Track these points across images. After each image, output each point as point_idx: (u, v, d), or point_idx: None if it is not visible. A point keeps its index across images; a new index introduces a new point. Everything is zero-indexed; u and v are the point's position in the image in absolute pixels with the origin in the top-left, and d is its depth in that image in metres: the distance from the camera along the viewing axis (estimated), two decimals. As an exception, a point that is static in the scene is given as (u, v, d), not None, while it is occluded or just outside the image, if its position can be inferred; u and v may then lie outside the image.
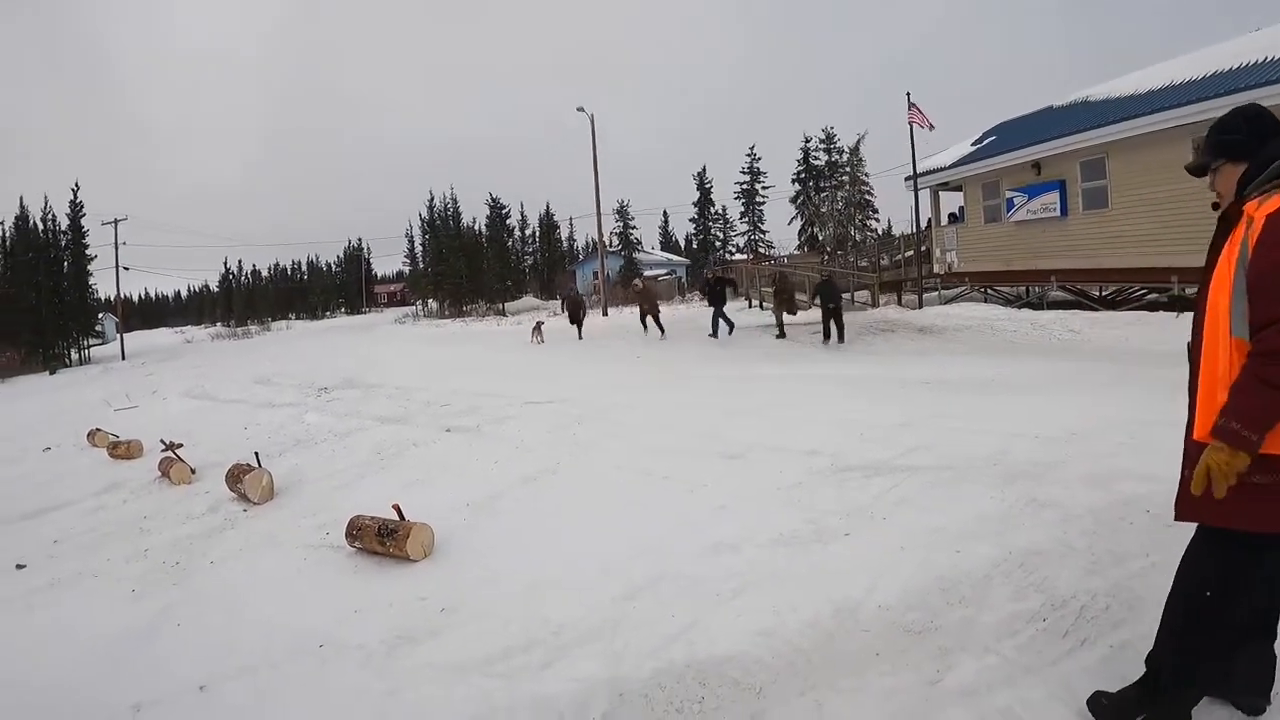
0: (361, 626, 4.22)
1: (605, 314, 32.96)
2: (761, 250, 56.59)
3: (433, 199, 62.03)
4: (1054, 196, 19.08)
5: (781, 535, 4.61)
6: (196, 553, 5.99)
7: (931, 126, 24.59)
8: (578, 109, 35.05)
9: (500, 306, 50.24)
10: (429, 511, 5.42)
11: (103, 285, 47.07)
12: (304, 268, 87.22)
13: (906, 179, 25.63)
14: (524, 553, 4.97)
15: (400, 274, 77.68)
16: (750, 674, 3.24)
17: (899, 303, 23.77)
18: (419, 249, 64.74)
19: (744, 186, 58.87)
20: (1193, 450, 2.39)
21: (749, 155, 58.98)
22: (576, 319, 24.15)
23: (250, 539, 6.14)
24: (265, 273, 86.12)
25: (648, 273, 52.70)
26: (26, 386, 29.28)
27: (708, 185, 61.64)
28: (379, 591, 4.69)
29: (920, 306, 21.57)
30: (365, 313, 74.52)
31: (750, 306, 26.71)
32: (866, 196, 50.00)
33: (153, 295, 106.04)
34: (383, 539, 5.14)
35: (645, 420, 8.31)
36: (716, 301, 19.57)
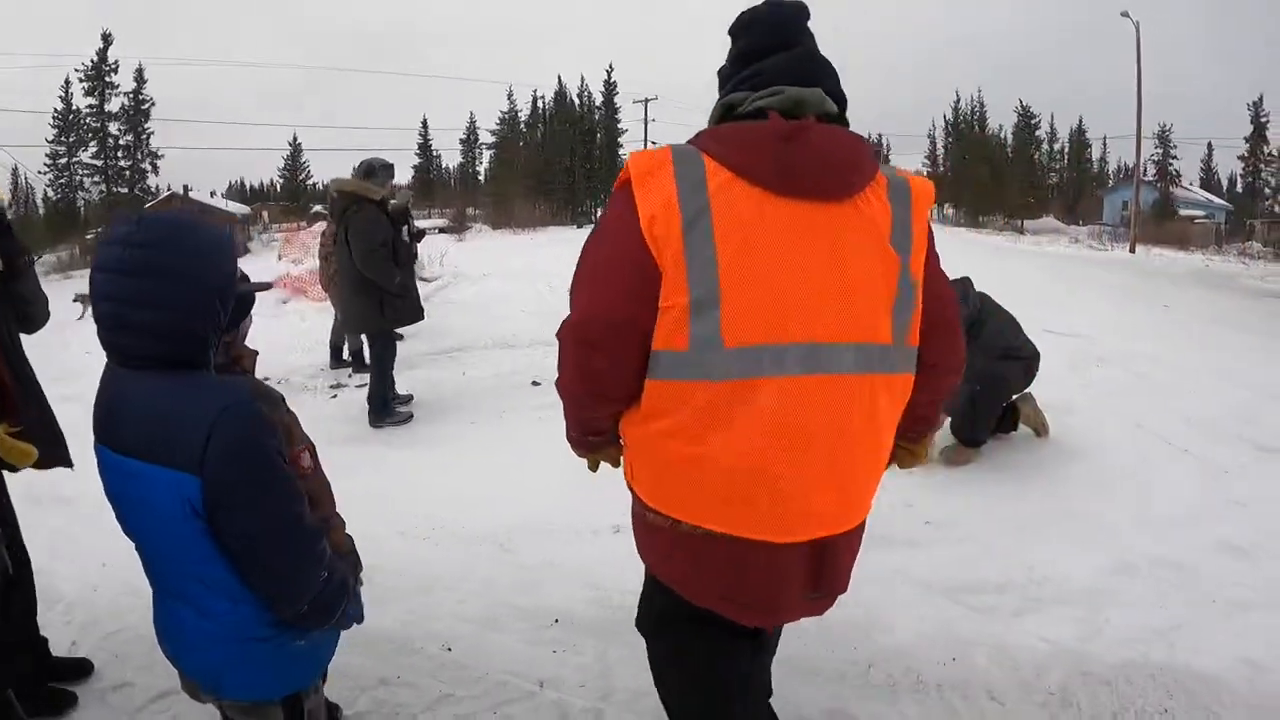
0: (845, 518, 4.39)
1: (1133, 250, 29.45)
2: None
3: (958, 100, 58.92)
4: None
5: None
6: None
7: None
8: (1122, 14, 30.86)
9: (1019, 223, 47.04)
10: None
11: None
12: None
13: None
14: (1022, 484, 4.82)
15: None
16: (1222, 704, 2.87)
17: None
18: (940, 151, 62.40)
19: (1307, 126, 46.39)
20: None
21: (1318, 89, 46.18)
22: None
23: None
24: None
25: (1185, 212, 45.14)
26: (554, 236, 33.71)
27: (1263, 119, 49.46)
28: (868, 488, 4.81)
29: None
30: (880, 212, 73.53)
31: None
32: None
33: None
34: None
35: (1181, 378, 7.32)
36: None
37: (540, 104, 53.82)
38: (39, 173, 44.53)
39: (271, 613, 1.75)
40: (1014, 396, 5.36)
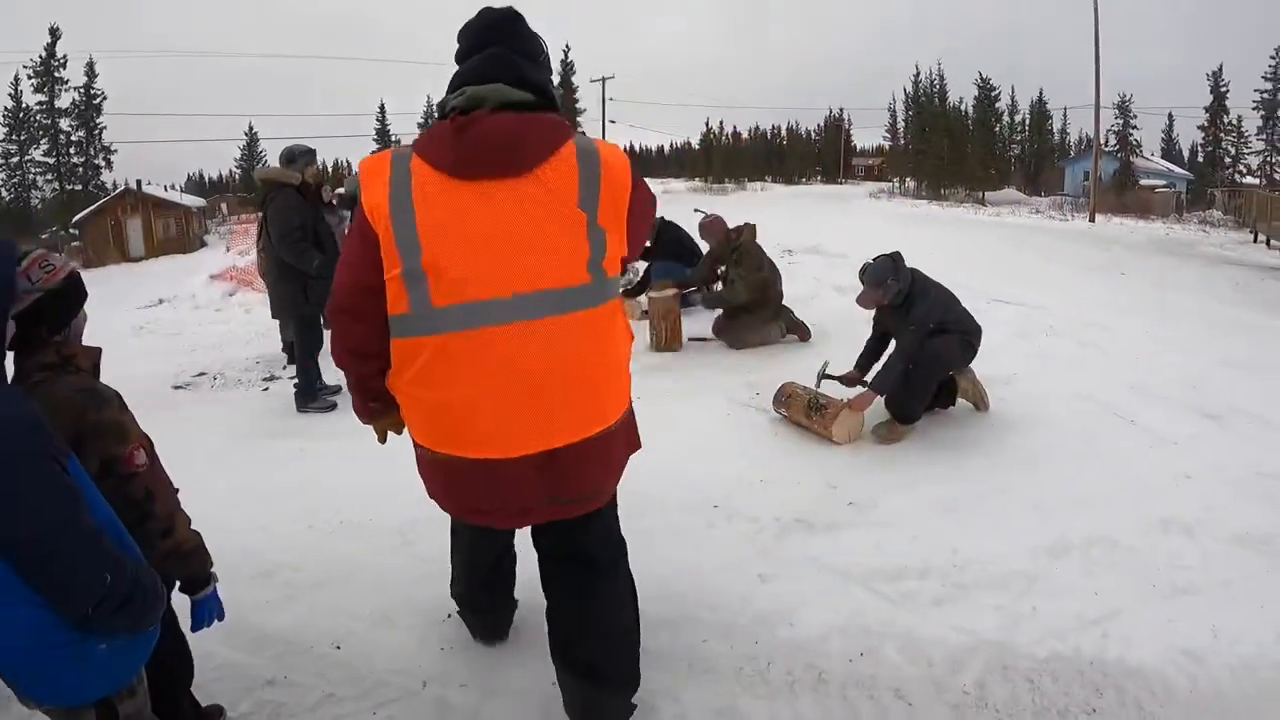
0: (761, 499, 4.17)
1: (1093, 219, 29.53)
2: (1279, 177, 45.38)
3: (918, 73, 59.59)
4: None
5: (1248, 534, 3.67)
6: (626, 385, 6.26)
7: None
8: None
9: (980, 195, 47.12)
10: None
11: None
12: (783, 133, 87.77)
13: None
14: (956, 461, 4.59)
15: (879, 148, 75.51)
16: (1156, 699, 2.65)
17: None
18: (900, 124, 62.60)
19: (1265, 96, 46.02)
20: None
21: (1274, 58, 45.58)
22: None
23: (681, 383, 6.38)
24: (745, 134, 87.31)
25: (1146, 182, 45.64)
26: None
27: (1223, 89, 49.38)
28: (790, 467, 4.60)
29: None
30: (841, 183, 73.60)
31: (1256, 241, 21.80)
32: None
33: (638, 148, 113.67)
34: (810, 413, 5.03)
35: (1132, 346, 7.10)
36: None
37: (499, 85, 53.37)
38: (-9, 172, 43.93)
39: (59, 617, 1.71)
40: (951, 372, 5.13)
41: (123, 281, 22.45)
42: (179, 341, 10.37)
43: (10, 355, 1.88)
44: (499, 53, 2.17)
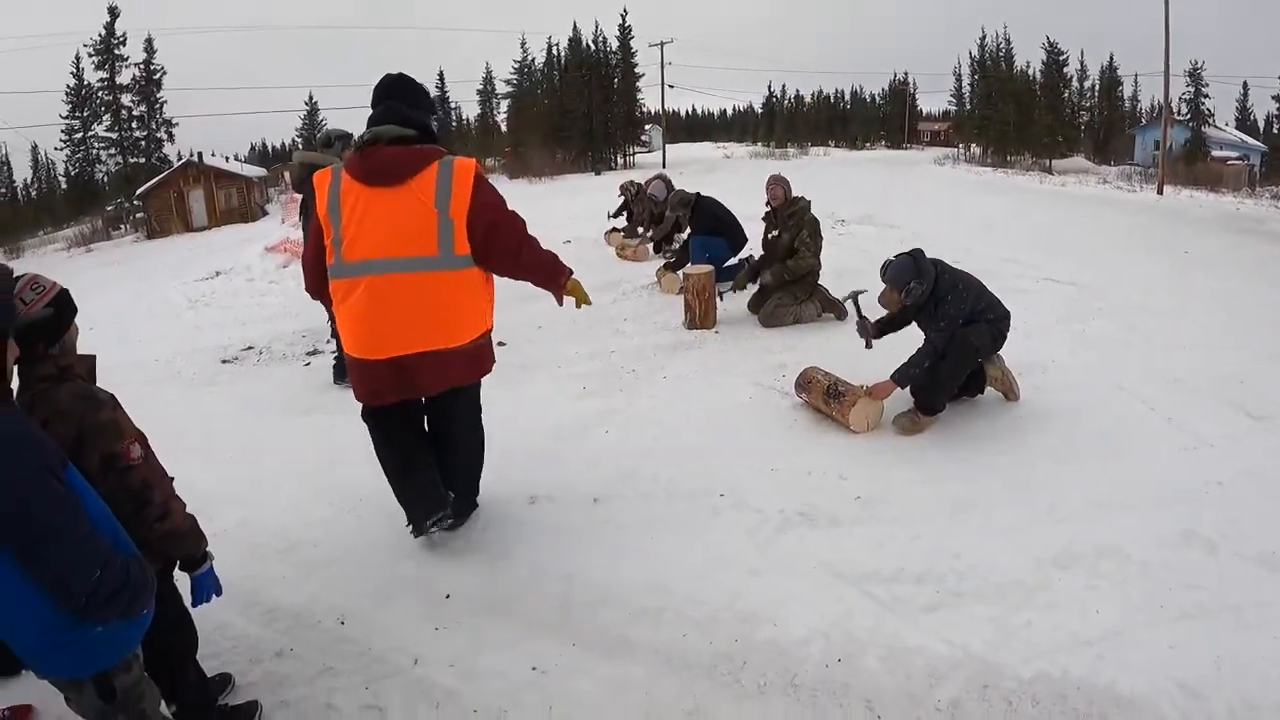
0: (769, 489, 4.13)
1: (1160, 192, 28.32)
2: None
3: (984, 37, 57.21)
4: None
5: (1274, 552, 3.37)
6: (655, 365, 6.29)
7: None
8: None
9: (1046, 163, 45.65)
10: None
11: (651, 100, 54.65)
12: (847, 97, 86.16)
13: None
14: (975, 457, 4.42)
15: (946, 113, 73.52)
16: None
17: None
18: (966, 89, 60.89)
19: (1339, 66, 43.47)
20: None
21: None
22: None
23: (709, 363, 6.33)
24: (808, 98, 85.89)
25: (1218, 153, 43.56)
26: (571, 185, 32.85)
27: None
28: (804, 454, 4.53)
29: None
30: (906, 149, 71.92)
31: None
32: None
33: (699, 111, 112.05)
34: (829, 399, 4.91)
35: (1182, 334, 6.68)
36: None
37: (555, 51, 53.02)
38: (56, 148, 46.52)
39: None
40: (980, 360, 4.94)
41: (184, 253, 23.10)
42: (231, 315, 10.64)
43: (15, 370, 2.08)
44: (391, 104, 3.41)
